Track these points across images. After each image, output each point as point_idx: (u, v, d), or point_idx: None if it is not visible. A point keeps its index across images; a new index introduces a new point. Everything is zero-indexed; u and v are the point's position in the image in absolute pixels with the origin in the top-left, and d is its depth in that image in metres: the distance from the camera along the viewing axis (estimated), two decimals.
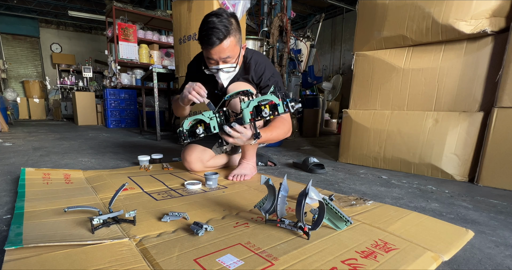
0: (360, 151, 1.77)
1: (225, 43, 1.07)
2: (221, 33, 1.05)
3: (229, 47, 1.09)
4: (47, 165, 1.61)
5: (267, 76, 1.25)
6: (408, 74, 1.58)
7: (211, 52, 1.10)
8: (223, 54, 1.10)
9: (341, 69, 7.98)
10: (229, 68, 1.17)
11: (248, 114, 0.86)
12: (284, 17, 3.24)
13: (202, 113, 0.93)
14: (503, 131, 1.27)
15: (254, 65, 1.25)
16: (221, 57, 1.11)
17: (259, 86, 1.28)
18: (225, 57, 1.12)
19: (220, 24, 1.05)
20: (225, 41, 1.07)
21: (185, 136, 0.96)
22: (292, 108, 0.83)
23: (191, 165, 1.39)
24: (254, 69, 1.25)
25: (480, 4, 1.30)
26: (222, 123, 0.93)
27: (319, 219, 0.71)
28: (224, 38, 1.06)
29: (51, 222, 0.76)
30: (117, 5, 4.53)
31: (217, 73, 1.19)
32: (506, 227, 0.85)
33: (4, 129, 3.70)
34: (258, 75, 1.25)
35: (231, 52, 1.11)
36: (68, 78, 7.19)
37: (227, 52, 1.10)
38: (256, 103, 0.85)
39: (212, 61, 1.15)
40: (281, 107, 0.83)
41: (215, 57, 1.12)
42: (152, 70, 2.86)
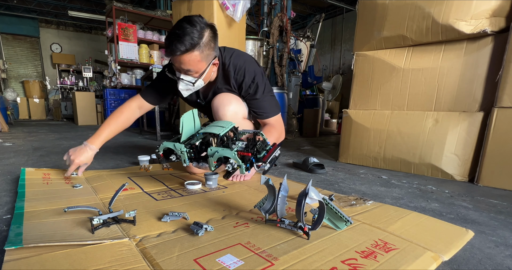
0: (360, 151, 1.77)
1: (186, 56, 0.99)
2: (183, 45, 0.96)
3: (191, 61, 1.01)
4: (47, 165, 1.61)
5: (247, 83, 1.17)
6: (408, 74, 1.58)
7: (172, 58, 1.04)
8: (184, 66, 1.03)
9: (341, 69, 7.98)
10: (188, 82, 1.09)
11: (212, 163, 0.84)
12: (284, 17, 3.25)
13: (174, 144, 0.92)
14: (503, 131, 1.27)
15: (233, 72, 1.16)
16: (182, 68, 1.05)
17: (241, 95, 1.22)
18: (186, 69, 1.05)
19: (187, 35, 0.96)
20: (187, 54, 0.99)
21: (161, 159, 0.98)
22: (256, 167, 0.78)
23: (192, 169, 1.38)
24: (234, 77, 1.17)
25: (480, 4, 1.30)
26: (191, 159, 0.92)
27: (319, 219, 0.71)
28: (185, 51, 0.97)
29: (51, 222, 0.76)
30: (117, 5, 4.53)
31: (178, 81, 1.11)
32: (506, 227, 0.85)
33: (4, 129, 3.70)
34: (239, 83, 1.18)
35: (194, 67, 1.04)
36: (68, 78, 7.19)
37: (188, 66, 1.03)
38: (220, 155, 0.81)
39: (174, 67, 1.09)
40: (242, 169, 0.78)
41: (177, 66, 1.06)
42: (152, 70, 2.87)
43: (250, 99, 1.21)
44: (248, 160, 0.78)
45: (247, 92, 1.19)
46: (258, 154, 0.78)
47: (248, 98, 1.21)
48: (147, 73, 3.16)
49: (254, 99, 1.20)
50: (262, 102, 1.21)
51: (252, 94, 1.19)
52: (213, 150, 0.82)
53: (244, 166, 0.78)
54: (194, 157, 0.92)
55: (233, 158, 0.78)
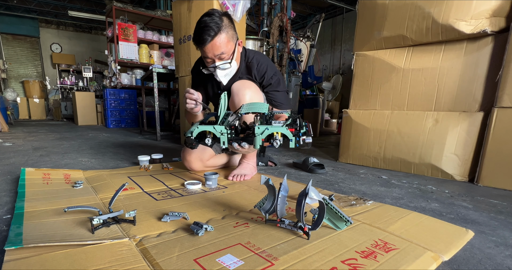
0: (360, 151, 1.77)
1: (216, 39, 1.10)
2: (212, 30, 1.08)
3: (222, 43, 1.11)
4: (47, 165, 1.61)
5: (269, 75, 1.28)
6: (408, 74, 1.58)
7: (205, 50, 1.13)
8: (216, 51, 1.12)
9: (341, 69, 7.98)
10: (225, 65, 1.18)
11: (259, 141, 0.84)
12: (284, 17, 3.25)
13: (214, 127, 0.90)
14: (503, 131, 1.27)
15: (256, 64, 1.28)
16: (215, 54, 1.13)
17: (262, 85, 1.31)
18: (219, 53, 1.13)
19: (211, 22, 1.08)
20: (216, 37, 1.09)
21: (194, 144, 0.93)
22: (302, 141, 0.82)
23: (191, 164, 1.39)
24: (257, 69, 1.28)
25: (480, 4, 1.30)
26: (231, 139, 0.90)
27: (319, 219, 0.71)
28: (215, 35, 1.08)
29: (51, 222, 0.76)
30: (117, 5, 4.53)
31: (214, 72, 1.21)
32: (506, 227, 0.85)
33: (4, 129, 3.70)
34: (261, 74, 1.28)
35: (225, 48, 1.13)
36: (68, 78, 7.19)
37: (220, 49, 1.12)
38: (270, 132, 0.83)
39: (208, 60, 1.18)
40: (293, 143, 0.82)
41: (210, 55, 1.14)
42: (152, 70, 2.86)
43: (270, 90, 1.31)
44: (296, 134, 0.81)
45: (269, 82, 1.29)
46: (302, 129, 0.81)
47: (268, 89, 1.30)
48: (147, 73, 3.15)
49: (275, 90, 1.31)
50: (281, 95, 1.33)
51: (273, 85, 1.30)
52: (261, 128, 0.83)
53: (295, 139, 0.81)
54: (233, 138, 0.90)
55: (285, 132, 0.81)
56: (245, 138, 0.89)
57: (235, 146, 0.91)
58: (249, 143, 0.88)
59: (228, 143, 0.91)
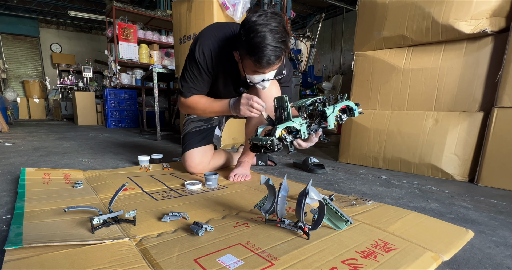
0: (360, 151, 1.77)
1: (279, 61, 0.96)
2: (280, 51, 0.91)
3: (280, 63, 0.99)
4: (47, 165, 1.61)
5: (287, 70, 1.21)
6: (408, 74, 1.58)
7: (261, 68, 0.97)
8: (274, 68, 1.01)
9: (341, 69, 7.97)
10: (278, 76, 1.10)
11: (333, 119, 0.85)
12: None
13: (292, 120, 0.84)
14: (503, 131, 1.27)
15: None
16: (272, 70, 1.01)
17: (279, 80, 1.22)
18: (275, 69, 1.02)
19: (277, 39, 0.89)
20: (280, 59, 0.95)
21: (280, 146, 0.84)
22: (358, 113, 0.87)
23: (195, 170, 1.38)
24: None
25: (480, 4, 1.30)
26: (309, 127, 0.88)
27: (319, 219, 0.71)
28: (281, 56, 0.93)
29: (51, 222, 0.76)
30: (117, 5, 4.53)
31: (261, 84, 1.07)
32: (506, 227, 0.85)
33: (4, 129, 3.70)
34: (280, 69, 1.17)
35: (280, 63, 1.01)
36: (68, 78, 7.19)
37: (278, 65, 0.99)
38: (339, 108, 0.85)
39: (257, 73, 1.02)
40: (357, 112, 0.86)
41: (266, 72, 1.00)
42: (152, 70, 2.86)
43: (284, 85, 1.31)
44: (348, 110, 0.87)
45: (286, 79, 1.28)
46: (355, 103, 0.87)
47: (283, 85, 1.29)
48: (147, 73, 3.15)
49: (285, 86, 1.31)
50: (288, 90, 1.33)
51: (288, 81, 1.31)
52: (330, 108, 0.85)
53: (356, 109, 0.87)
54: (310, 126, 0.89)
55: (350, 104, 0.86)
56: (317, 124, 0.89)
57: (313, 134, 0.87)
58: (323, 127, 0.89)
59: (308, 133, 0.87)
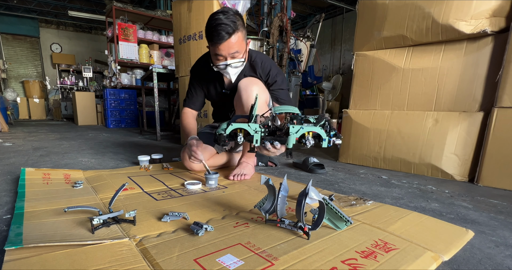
0: (360, 151, 1.77)
1: (233, 38, 1.10)
2: (230, 27, 1.07)
3: (237, 42, 1.12)
4: (47, 165, 1.61)
5: (274, 73, 1.30)
6: (408, 74, 1.58)
7: (220, 47, 1.12)
8: (232, 49, 1.13)
9: (341, 69, 7.98)
10: (237, 63, 1.19)
11: (293, 140, 0.84)
12: (284, 17, 3.24)
13: (248, 125, 0.88)
14: (503, 131, 1.27)
15: (260, 63, 1.30)
16: (230, 52, 1.14)
17: (267, 83, 1.32)
18: (234, 52, 1.14)
19: (227, 20, 1.07)
20: (233, 36, 1.09)
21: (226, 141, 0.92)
22: (332, 143, 0.83)
23: (191, 165, 1.39)
24: (261, 67, 1.30)
25: (480, 4, 1.30)
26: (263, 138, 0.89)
27: (319, 219, 0.71)
28: (233, 32, 1.09)
29: (51, 222, 0.76)
30: (117, 5, 4.53)
31: (225, 69, 1.21)
32: (506, 227, 0.85)
33: (4, 129, 3.70)
34: (266, 72, 1.30)
35: (239, 47, 1.14)
36: (68, 78, 7.19)
37: (235, 47, 1.13)
38: (305, 132, 0.83)
39: (220, 58, 1.17)
40: (326, 142, 0.82)
41: (224, 53, 1.14)
42: (152, 70, 2.86)
43: (276, 88, 1.33)
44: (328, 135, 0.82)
45: (274, 80, 1.31)
46: (332, 131, 0.83)
47: (274, 87, 1.32)
48: (147, 73, 3.15)
49: (280, 88, 1.34)
50: (285, 93, 1.36)
51: (278, 83, 1.33)
52: (296, 127, 0.83)
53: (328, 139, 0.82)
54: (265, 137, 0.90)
55: (319, 132, 0.82)
56: (278, 137, 0.89)
57: (267, 145, 0.89)
58: (282, 143, 0.88)
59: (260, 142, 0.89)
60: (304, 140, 0.82)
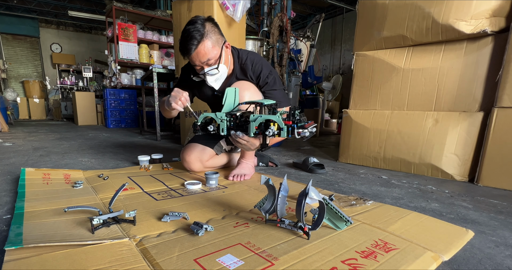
0: (360, 151, 1.77)
1: (200, 47, 1.10)
2: (195, 39, 1.08)
3: (207, 50, 1.12)
4: (47, 165, 1.61)
5: (265, 74, 1.28)
6: (408, 74, 1.58)
7: (191, 59, 1.14)
8: (202, 58, 1.13)
9: (341, 69, 7.97)
10: (212, 70, 1.18)
11: (253, 128, 0.86)
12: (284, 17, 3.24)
13: (215, 113, 0.94)
14: (503, 131, 1.27)
15: (250, 65, 1.28)
16: (202, 61, 1.14)
17: (258, 85, 1.30)
18: (205, 60, 1.14)
19: (193, 31, 1.08)
20: (200, 45, 1.10)
21: (198, 129, 0.98)
22: (297, 134, 0.80)
23: (190, 165, 1.39)
24: (252, 69, 1.28)
25: (480, 4, 1.30)
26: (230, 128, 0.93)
27: (319, 219, 0.71)
28: (198, 43, 1.09)
29: (51, 222, 0.76)
30: (117, 5, 4.53)
31: (205, 78, 1.21)
32: (506, 227, 0.85)
33: (4, 129, 3.70)
34: (256, 74, 1.29)
35: (210, 54, 1.13)
36: (68, 78, 7.18)
37: (206, 56, 1.13)
38: (263, 120, 0.84)
39: (197, 68, 1.19)
40: (284, 132, 0.81)
41: (197, 63, 1.15)
42: (152, 70, 2.86)
43: (267, 89, 1.30)
44: (290, 126, 0.81)
45: (265, 82, 1.28)
46: (299, 123, 0.81)
47: (265, 89, 1.30)
48: (147, 73, 3.15)
49: (272, 89, 1.30)
50: (278, 94, 1.32)
51: (270, 84, 1.29)
52: (256, 116, 0.84)
53: (286, 129, 0.80)
54: (232, 127, 0.93)
55: (277, 120, 0.81)
56: (241, 127, 0.90)
57: (232, 134, 0.92)
58: (244, 131, 0.89)
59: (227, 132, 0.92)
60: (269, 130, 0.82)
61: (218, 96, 1.38)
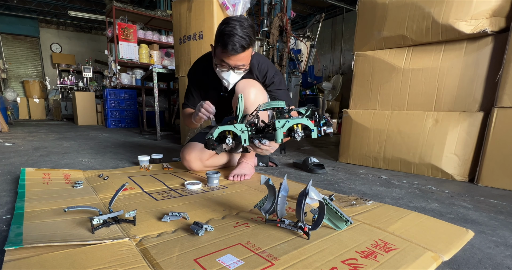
0: (360, 151, 1.77)
1: (246, 52, 1.10)
2: (245, 42, 1.06)
3: (247, 57, 1.13)
4: (47, 165, 1.61)
5: (271, 74, 1.31)
6: (408, 74, 1.58)
7: (230, 57, 1.11)
8: (239, 62, 1.13)
9: (341, 69, 7.98)
10: (240, 74, 1.20)
11: (281, 135, 0.83)
12: (284, 17, 3.25)
13: (234, 125, 0.88)
14: (503, 131, 1.27)
15: (256, 65, 1.29)
16: (237, 64, 1.14)
17: (264, 84, 1.32)
18: (240, 65, 1.15)
19: (245, 32, 1.06)
20: (246, 51, 1.09)
21: (215, 145, 0.92)
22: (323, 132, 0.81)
23: (190, 164, 1.39)
24: (258, 69, 1.30)
25: (480, 4, 1.30)
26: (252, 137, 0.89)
27: (319, 219, 0.71)
28: (247, 47, 1.08)
29: (51, 222, 0.76)
30: (117, 5, 4.53)
31: (224, 75, 1.20)
32: (506, 227, 0.85)
33: (4, 129, 3.70)
34: (263, 73, 1.30)
35: (246, 61, 1.15)
36: (68, 78, 7.19)
37: (244, 61, 1.14)
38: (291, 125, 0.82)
39: (224, 64, 1.16)
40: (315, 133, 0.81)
41: (231, 64, 1.14)
42: (152, 70, 2.86)
43: (273, 88, 1.32)
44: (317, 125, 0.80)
45: (271, 81, 1.31)
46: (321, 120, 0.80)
47: (271, 88, 1.32)
48: (147, 73, 3.15)
49: (278, 89, 1.33)
50: (283, 93, 1.35)
51: (276, 84, 1.32)
52: (282, 121, 0.82)
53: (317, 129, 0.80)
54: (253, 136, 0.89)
55: (307, 123, 0.80)
56: (265, 134, 0.88)
57: (256, 143, 0.88)
58: (270, 139, 0.87)
59: (250, 141, 0.89)
60: (293, 133, 0.81)
61: (224, 97, 1.38)
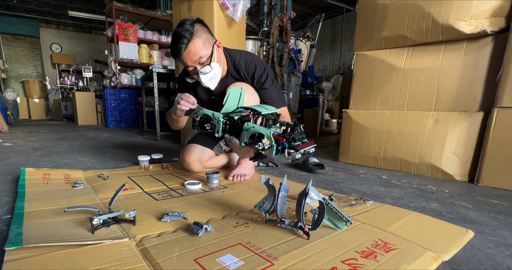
0: (360, 151, 1.77)
1: (191, 46, 1.09)
2: (185, 38, 1.08)
3: (198, 48, 1.11)
4: (47, 165, 1.61)
5: (259, 73, 1.26)
6: (408, 74, 1.58)
7: (182, 59, 1.12)
8: (194, 57, 1.11)
9: (341, 69, 7.98)
10: (205, 68, 1.15)
11: (244, 138, 0.81)
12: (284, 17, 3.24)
13: (213, 113, 0.92)
14: (503, 131, 1.27)
15: (244, 66, 1.26)
16: (193, 60, 1.12)
17: (253, 85, 1.29)
18: (197, 58, 1.12)
19: (182, 31, 1.08)
20: (190, 44, 1.09)
21: (196, 125, 0.98)
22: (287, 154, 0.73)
23: (190, 166, 1.38)
24: (246, 70, 1.26)
25: (480, 4, 1.30)
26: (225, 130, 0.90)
27: (319, 219, 0.71)
28: (188, 41, 1.09)
29: (51, 222, 0.76)
30: (117, 5, 4.53)
31: (199, 78, 1.17)
32: (506, 227, 0.85)
33: (4, 129, 3.70)
34: (251, 74, 1.27)
35: (202, 52, 1.12)
36: (68, 78, 7.19)
37: (197, 54, 1.11)
38: (255, 132, 0.79)
39: (190, 69, 1.16)
40: (273, 150, 0.75)
41: (189, 63, 1.13)
42: (152, 70, 2.86)
43: (260, 88, 1.28)
44: (281, 144, 0.75)
45: (259, 81, 1.26)
46: (293, 142, 0.74)
47: (259, 88, 1.28)
48: (147, 73, 3.15)
49: (264, 88, 1.28)
50: (272, 93, 1.29)
51: (263, 83, 1.27)
52: (249, 125, 0.81)
53: (275, 148, 0.75)
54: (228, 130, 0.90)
55: (267, 136, 0.76)
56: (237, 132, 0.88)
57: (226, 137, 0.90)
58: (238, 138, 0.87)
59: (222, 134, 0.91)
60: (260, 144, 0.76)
61: (215, 101, 1.37)
